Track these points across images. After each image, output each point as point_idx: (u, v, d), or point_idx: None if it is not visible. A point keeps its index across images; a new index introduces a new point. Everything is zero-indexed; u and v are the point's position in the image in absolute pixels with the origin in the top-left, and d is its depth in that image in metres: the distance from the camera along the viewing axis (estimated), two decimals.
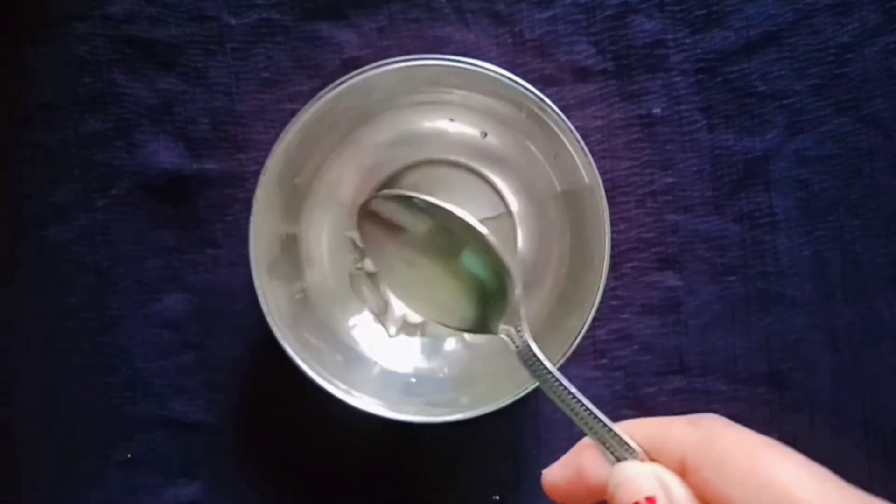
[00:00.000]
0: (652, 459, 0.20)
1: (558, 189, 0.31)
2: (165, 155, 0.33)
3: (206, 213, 0.33)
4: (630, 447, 0.20)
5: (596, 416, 0.21)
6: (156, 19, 0.32)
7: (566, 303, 0.30)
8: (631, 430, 0.20)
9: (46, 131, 0.33)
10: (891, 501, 0.17)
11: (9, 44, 0.33)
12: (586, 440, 0.21)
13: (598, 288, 0.27)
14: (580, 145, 0.27)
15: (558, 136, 0.28)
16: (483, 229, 0.25)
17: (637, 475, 0.19)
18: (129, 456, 0.34)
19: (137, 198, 0.33)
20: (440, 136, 0.32)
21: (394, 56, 0.27)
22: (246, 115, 0.33)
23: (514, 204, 0.33)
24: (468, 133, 0.32)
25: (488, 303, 0.26)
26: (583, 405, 0.21)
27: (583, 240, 0.29)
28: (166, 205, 0.33)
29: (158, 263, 0.33)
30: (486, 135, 0.32)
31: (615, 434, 0.20)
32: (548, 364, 0.23)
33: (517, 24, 0.33)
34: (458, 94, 0.30)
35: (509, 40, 0.33)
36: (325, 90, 0.27)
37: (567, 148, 0.28)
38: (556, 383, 0.22)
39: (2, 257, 0.33)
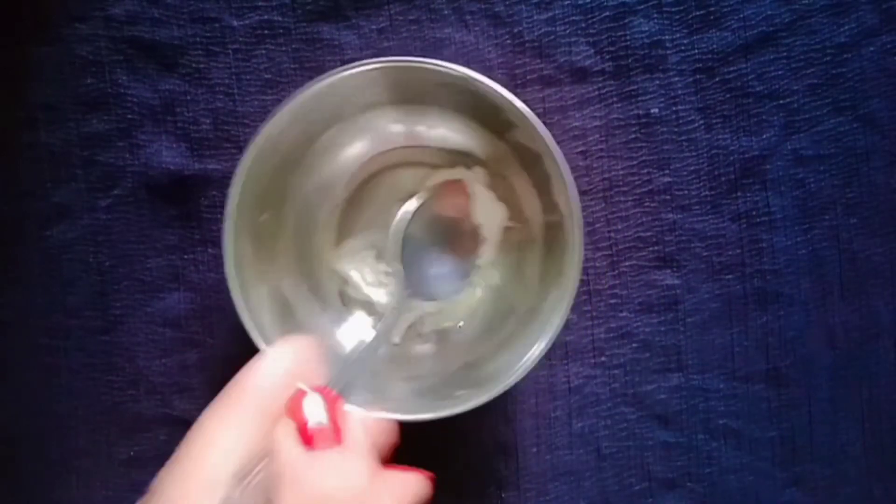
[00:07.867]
0: None
1: (534, 190, 0.31)
2: (168, 155, 0.33)
3: (207, 213, 0.33)
4: None
5: None
6: (158, 21, 0.33)
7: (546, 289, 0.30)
8: None
9: (49, 132, 0.33)
10: (890, 498, 0.17)
11: (12, 45, 0.33)
12: None
13: (575, 277, 0.27)
14: (553, 149, 0.27)
15: (536, 142, 0.27)
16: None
17: None
18: (131, 454, 0.34)
19: (140, 198, 0.33)
20: (419, 137, 0.32)
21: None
22: (247, 116, 0.33)
23: (498, 207, 0.33)
24: (448, 136, 0.32)
25: None
26: None
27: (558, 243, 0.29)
28: (168, 204, 0.33)
29: (160, 262, 0.33)
30: (466, 139, 0.31)
31: None
32: None
33: (516, 25, 0.33)
34: (440, 98, 0.30)
35: (508, 41, 0.33)
36: (295, 92, 0.27)
37: (544, 154, 0.27)
38: None
39: (5, 257, 0.33)
